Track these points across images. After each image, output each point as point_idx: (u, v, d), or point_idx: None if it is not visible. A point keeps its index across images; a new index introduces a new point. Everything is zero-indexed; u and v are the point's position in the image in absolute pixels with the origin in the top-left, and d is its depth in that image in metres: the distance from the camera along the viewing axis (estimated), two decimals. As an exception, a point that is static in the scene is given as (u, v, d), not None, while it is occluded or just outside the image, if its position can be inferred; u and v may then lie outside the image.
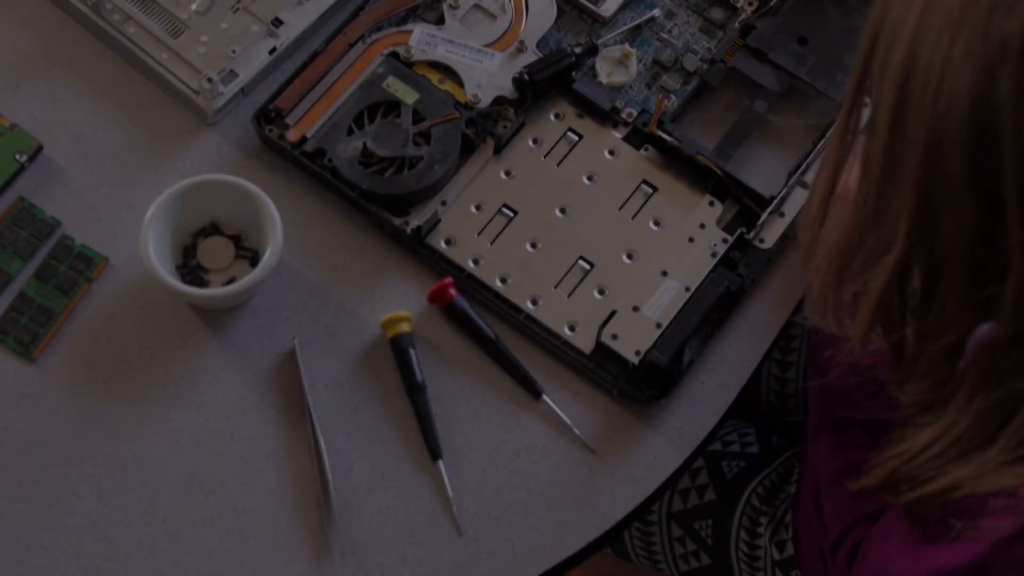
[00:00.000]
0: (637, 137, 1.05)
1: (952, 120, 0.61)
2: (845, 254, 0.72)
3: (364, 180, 1.00)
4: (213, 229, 1.00)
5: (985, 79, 0.60)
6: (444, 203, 1.01)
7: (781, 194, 1.02)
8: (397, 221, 1.00)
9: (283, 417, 0.96)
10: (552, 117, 1.06)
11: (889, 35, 0.65)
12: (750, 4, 1.11)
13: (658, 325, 0.98)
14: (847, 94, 0.72)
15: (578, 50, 1.06)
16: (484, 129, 1.04)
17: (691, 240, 1.02)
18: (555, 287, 1.00)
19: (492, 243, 1.01)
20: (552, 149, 1.04)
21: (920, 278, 0.68)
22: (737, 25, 1.10)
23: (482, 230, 1.01)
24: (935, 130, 0.62)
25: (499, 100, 1.05)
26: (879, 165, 0.67)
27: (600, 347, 0.98)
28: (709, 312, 0.99)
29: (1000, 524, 0.71)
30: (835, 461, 0.94)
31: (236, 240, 1.00)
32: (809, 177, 1.04)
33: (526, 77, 1.04)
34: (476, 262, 1.00)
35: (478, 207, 1.02)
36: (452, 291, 0.98)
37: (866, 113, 0.70)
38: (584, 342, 0.98)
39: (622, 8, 1.10)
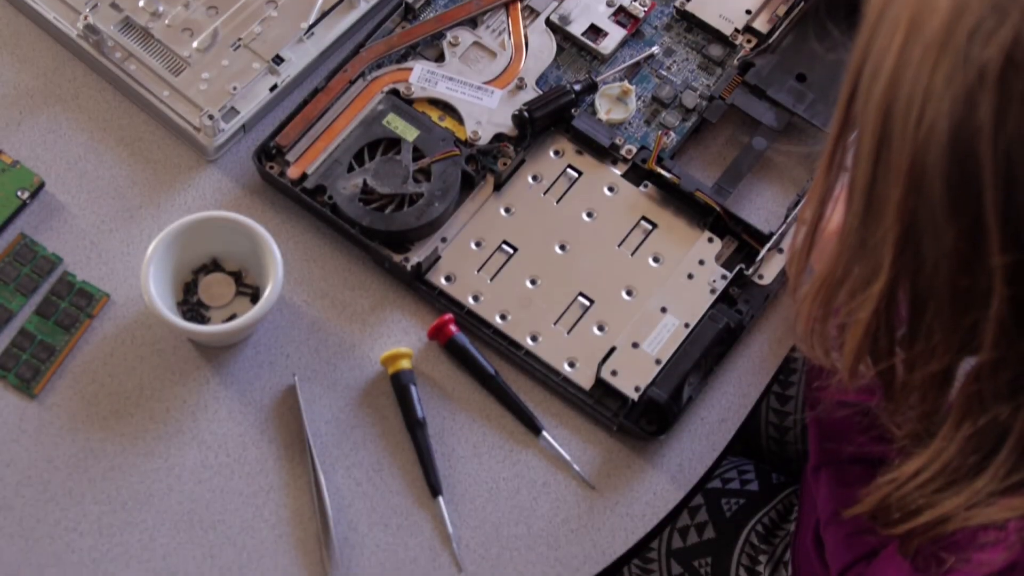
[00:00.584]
0: (636, 174, 1.08)
1: (933, 147, 0.63)
2: (831, 285, 0.74)
3: (364, 217, 1.02)
4: (214, 266, 1.03)
5: (965, 106, 0.62)
6: (444, 240, 1.04)
7: (780, 230, 1.05)
8: (397, 258, 1.02)
9: (283, 453, 0.98)
10: (552, 154, 1.08)
11: (873, 65, 0.67)
12: (748, 41, 1.13)
13: (657, 361, 1.00)
14: (833, 127, 0.74)
15: (577, 87, 1.09)
16: (484, 166, 1.06)
17: (690, 276, 1.04)
18: (555, 323, 1.02)
19: (492, 279, 1.03)
20: (552, 186, 1.07)
21: (906, 307, 0.70)
22: (735, 62, 1.12)
23: (482, 266, 1.03)
24: (917, 158, 0.64)
25: (499, 137, 1.07)
26: (863, 195, 0.69)
27: (600, 383, 1.00)
28: (708, 348, 1.01)
29: (991, 558, 0.72)
30: (834, 499, 0.96)
31: (237, 277, 1.02)
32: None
33: (526, 114, 1.06)
34: (476, 298, 1.02)
35: (478, 244, 1.04)
36: (452, 327, 1.00)
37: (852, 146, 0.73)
38: (584, 378, 1.00)
39: (621, 45, 1.13)
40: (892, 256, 0.68)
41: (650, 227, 1.06)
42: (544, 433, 1.00)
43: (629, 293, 1.04)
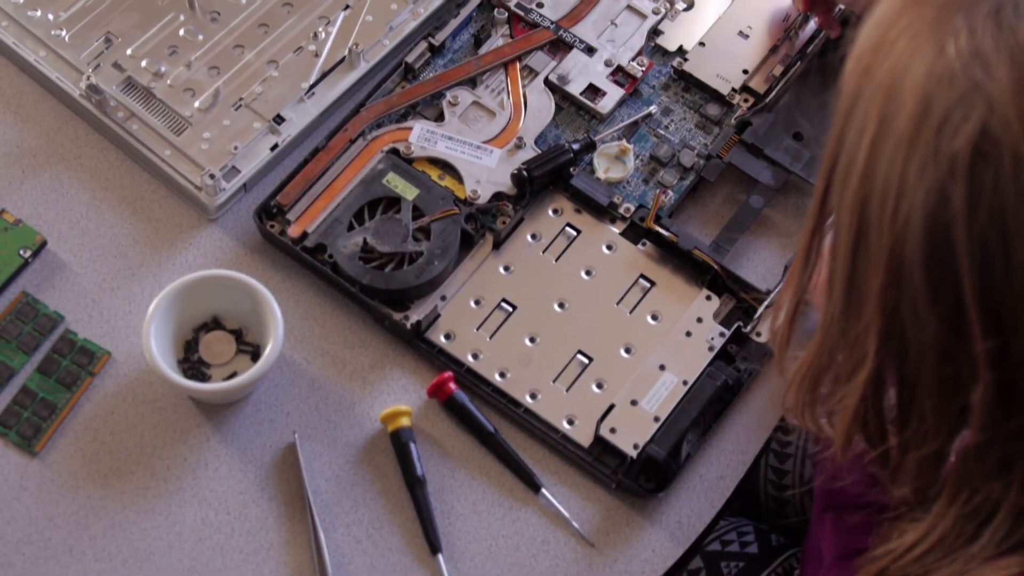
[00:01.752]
0: (635, 232, 1.12)
1: (910, 238, 0.67)
2: (816, 372, 0.77)
3: (364, 275, 1.07)
4: (215, 324, 1.07)
5: (938, 197, 0.65)
6: (444, 298, 1.08)
7: (777, 288, 1.09)
8: (397, 316, 1.06)
9: (283, 511, 1.01)
10: (550, 212, 1.13)
11: (846, 159, 0.71)
12: (745, 101, 1.18)
13: (656, 419, 1.04)
14: (809, 216, 0.77)
15: (576, 146, 1.13)
16: (483, 224, 1.11)
17: (688, 334, 1.08)
18: (554, 381, 1.06)
19: (491, 337, 1.07)
20: (551, 244, 1.11)
21: (895, 393, 0.73)
22: (733, 121, 1.17)
23: (481, 324, 1.08)
24: (895, 249, 0.68)
25: (498, 196, 1.12)
26: (843, 286, 0.72)
27: (598, 441, 1.04)
28: (707, 406, 1.05)
29: None
30: (838, 544, 0.99)
31: (237, 335, 1.07)
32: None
33: (525, 173, 1.11)
34: (475, 356, 1.06)
35: (477, 302, 1.09)
36: (452, 385, 1.05)
37: (828, 236, 0.76)
38: (583, 436, 1.04)
39: (619, 105, 1.18)
40: (876, 346, 0.71)
41: (648, 285, 1.10)
42: (543, 490, 1.03)
43: (628, 351, 1.08)
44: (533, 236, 1.12)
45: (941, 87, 0.65)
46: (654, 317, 1.09)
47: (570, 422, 1.05)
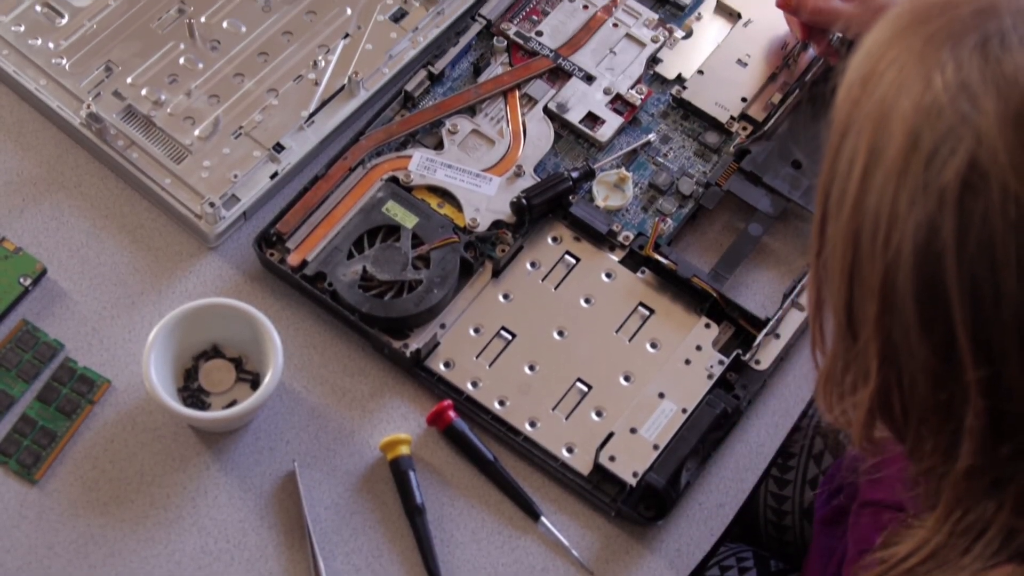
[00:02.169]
0: (634, 260, 1.14)
1: (901, 269, 0.68)
2: (832, 380, 0.79)
3: (364, 303, 1.08)
4: (214, 352, 1.08)
5: (927, 229, 0.66)
6: (443, 326, 1.10)
7: (776, 316, 1.11)
8: (397, 344, 1.08)
9: (283, 539, 1.03)
10: (550, 240, 1.14)
11: (838, 189, 0.72)
12: (744, 128, 1.20)
13: (655, 447, 1.06)
14: (811, 244, 0.78)
15: (575, 174, 1.15)
16: (482, 252, 1.13)
17: (688, 362, 1.10)
18: (553, 409, 1.08)
19: (491, 365, 1.09)
20: (550, 272, 1.13)
21: (897, 410, 0.74)
22: (732, 149, 1.19)
23: (481, 352, 1.09)
24: (887, 278, 0.69)
25: (497, 224, 1.14)
26: (842, 311, 0.74)
27: (598, 469, 1.05)
28: (706, 433, 1.06)
29: None
30: (856, 542, 1.00)
31: (237, 363, 1.08)
32: (804, 299, 1.12)
33: (524, 201, 1.13)
34: (475, 384, 1.08)
35: (477, 330, 1.10)
36: (451, 413, 1.06)
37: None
38: (582, 464, 1.06)
39: (618, 133, 1.20)
40: (876, 365, 0.72)
41: (647, 313, 1.12)
42: (543, 519, 1.05)
43: (627, 379, 1.09)
44: (532, 264, 1.13)
45: (929, 120, 0.66)
46: (653, 345, 1.11)
47: (569, 450, 1.06)
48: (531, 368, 1.09)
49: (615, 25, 1.24)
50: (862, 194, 0.69)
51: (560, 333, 1.11)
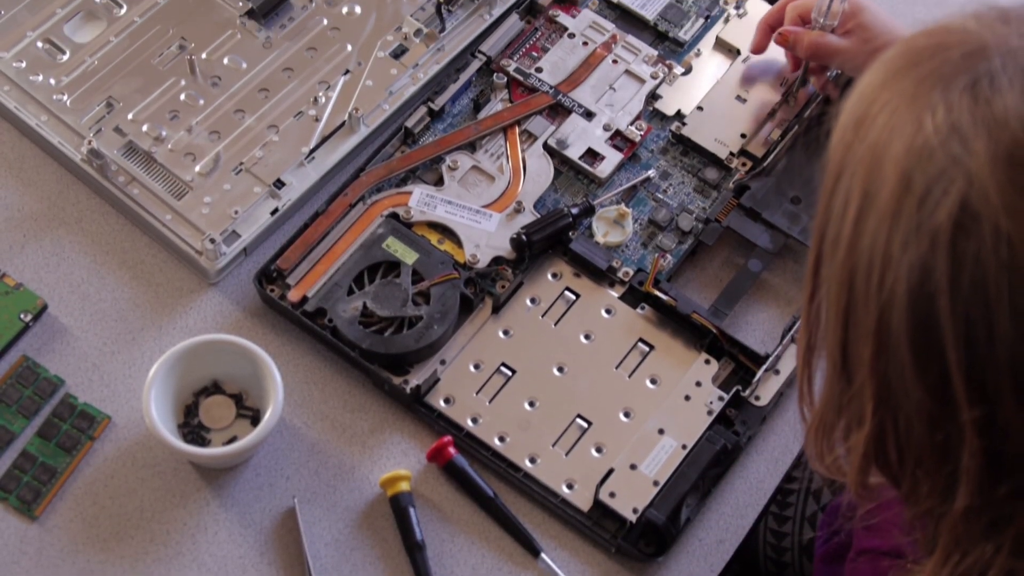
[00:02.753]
0: (634, 296, 1.16)
1: (895, 310, 0.69)
2: (827, 425, 0.80)
3: (364, 340, 1.10)
4: (215, 388, 1.10)
5: (920, 271, 0.68)
6: (443, 362, 1.12)
7: (776, 352, 1.12)
8: (397, 380, 1.10)
9: (283, 575, 1.04)
10: (550, 276, 1.16)
11: (833, 231, 0.74)
12: (743, 165, 1.22)
13: (655, 483, 1.07)
14: (806, 284, 0.79)
15: (575, 210, 1.17)
16: (483, 289, 1.15)
17: (687, 398, 1.12)
18: (553, 445, 1.09)
19: (491, 402, 1.11)
20: (550, 308, 1.15)
21: (893, 453, 0.75)
22: (731, 185, 1.21)
23: (481, 389, 1.11)
24: (882, 320, 0.70)
25: (497, 260, 1.16)
26: (837, 352, 0.75)
27: (598, 505, 1.07)
28: (706, 470, 1.08)
29: None
30: None
31: (237, 399, 1.10)
32: (804, 335, 1.14)
33: (524, 237, 1.15)
34: (475, 421, 1.10)
35: (477, 366, 1.12)
36: (451, 450, 1.08)
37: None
38: (582, 500, 1.07)
39: (618, 169, 1.22)
40: (871, 408, 0.74)
41: (647, 349, 1.14)
42: (543, 555, 1.06)
43: (627, 415, 1.11)
44: (532, 300, 1.15)
45: (920, 162, 0.67)
46: (653, 381, 1.13)
47: (569, 486, 1.08)
48: (531, 404, 1.11)
49: (615, 62, 1.27)
50: (856, 236, 0.71)
51: (560, 369, 1.13)
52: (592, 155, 1.22)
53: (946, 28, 0.71)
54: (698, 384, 1.12)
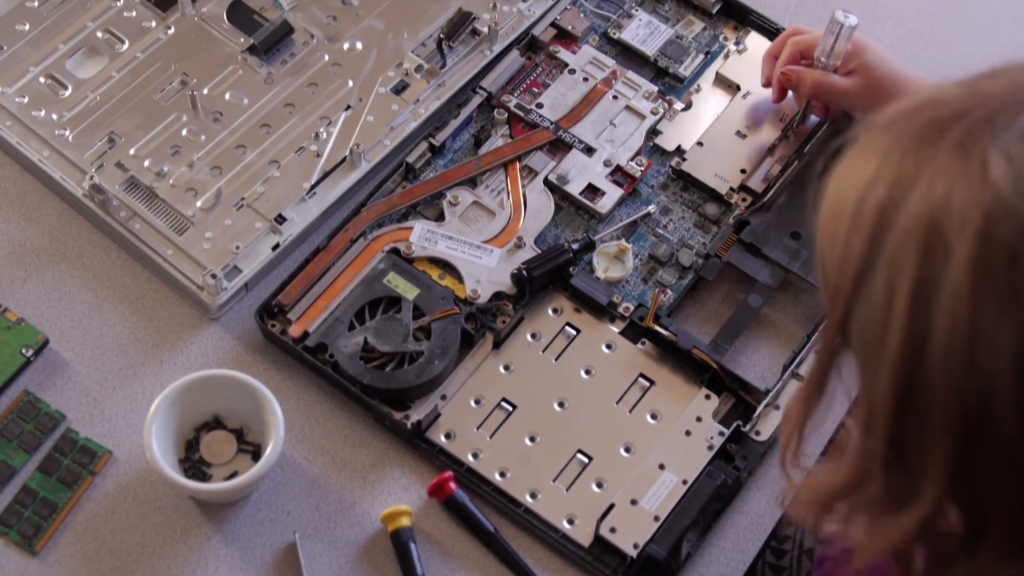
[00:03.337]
0: (634, 331, 1.18)
1: (997, 390, 0.63)
2: (836, 496, 0.76)
3: (365, 375, 1.12)
4: (216, 423, 1.12)
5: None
6: (444, 397, 1.13)
7: (776, 387, 1.14)
8: (398, 415, 1.12)
9: (284, 611, 1.06)
10: (550, 312, 1.18)
11: (874, 319, 0.68)
12: (743, 200, 1.24)
13: (656, 518, 1.09)
14: (821, 354, 0.75)
15: (575, 246, 1.19)
16: (483, 324, 1.17)
17: (688, 433, 1.13)
18: (554, 480, 1.11)
19: (491, 437, 1.12)
20: (550, 343, 1.17)
21: (961, 526, 0.71)
22: (731, 221, 1.23)
23: (481, 424, 1.13)
24: (972, 408, 0.64)
25: (498, 295, 1.18)
26: (886, 445, 0.70)
27: (599, 540, 1.09)
28: (706, 505, 1.09)
29: None
30: None
31: (238, 434, 1.12)
32: (804, 371, 1.15)
33: (524, 273, 1.17)
34: (476, 456, 1.11)
35: (477, 401, 1.14)
36: (452, 485, 1.09)
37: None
38: (583, 535, 1.09)
39: (618, 204, 1.24)
40: (937, 493, 0.69)
41: (648, 384, 1.16)
42: (543, 591, 1.08)
43: (627, 450, 1.13)
44: (533, 335, 1.17)
45: (1000, 219, 0.64)
46: (654, 416, 1.14)
47: (570, 521, 1.10)
48: (532, 439, 1.13)
49: (615, 97, 1.29)
50: (916, 322, 0.66)
51: (561, 404, 1.15)
52: (593, 190, 1.24)
53: (938, 99, 0.70)
54: (699, 419, 1.14)
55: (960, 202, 0.65)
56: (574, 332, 1.18)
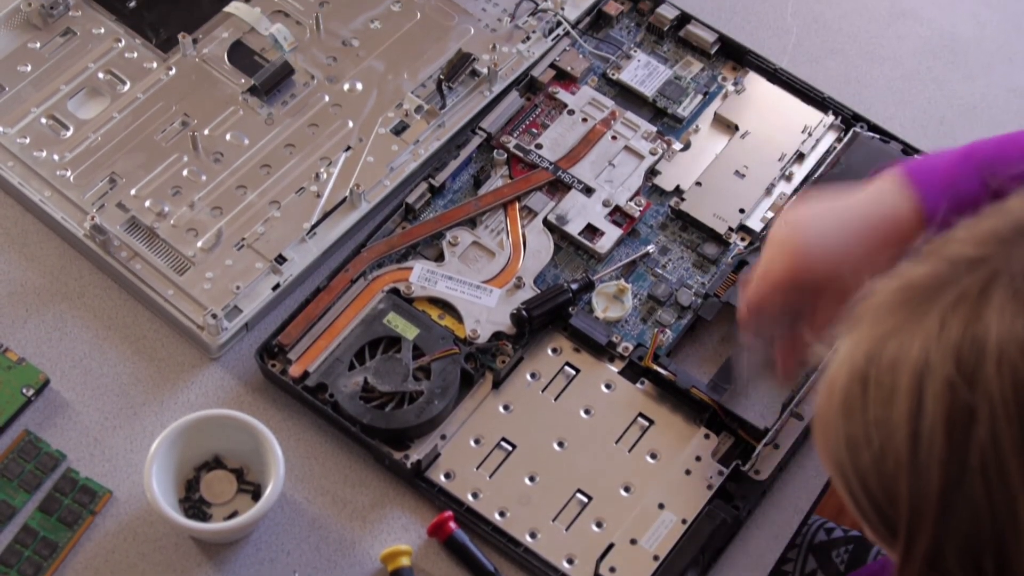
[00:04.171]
0: (633, 371, 1.20)
1: None
2: None
3: (365, 415, 1.14)
4: (216, 463, 1.14)
5: None
6: (444, 437, 1.15)
7: (775, 426, 1.16)
8: (397, 455, 1.14)
9: (283, 651, 1.08)
10: (550, 352, 1.21)
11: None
12: (742, 239, 1.27)
13: (655, 558, 1.11)
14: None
15: (575, 286, 1.22)
16: (483, 364, 1.19)
17: (687, 472, 1.15)
18: (553, 520, 1.13)
19: (491, 476, 1.14)
20: (550, 383, 1.19)
21: None
22: (730, 260, 1.26)
23: (481, 463, 1.15)
24: None
25: (498, 335, 1.20)
26: None
27: (598, 580, 1.11)
28: (706, 544, 1.11)
29: None
30: None
31: (238, 474, 1.14)
32: (803, 409, 1.17)
33: (524, 313, 1.19)
34: (475, 495, 1.13)
35: (477, 441, 1.16)
36: (452, 525, 1.11)
37: None
38: (582, 575, 1.11)
39: (617, 244, 1.26)
40: None
41: (647, 424, 1.18)
42: (543, 630, 1.10)
43: (627, 489, 1.15)
44: (532, 375, 1.19)
45: None
46: (653, 456, 1.16)
47: (570, 561, 1.11)
48: (531, 479, 1.15)
49: (614, 138, 1.32)
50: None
51: (560, 444, 1.17)
52: (592, 231, 1.27)
53: (911, 281, 0.70)
54: (698, 459, 1.16)
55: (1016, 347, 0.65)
56: (573, 372, 1.20)
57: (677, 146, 1.33)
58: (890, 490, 0.68)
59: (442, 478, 1.14)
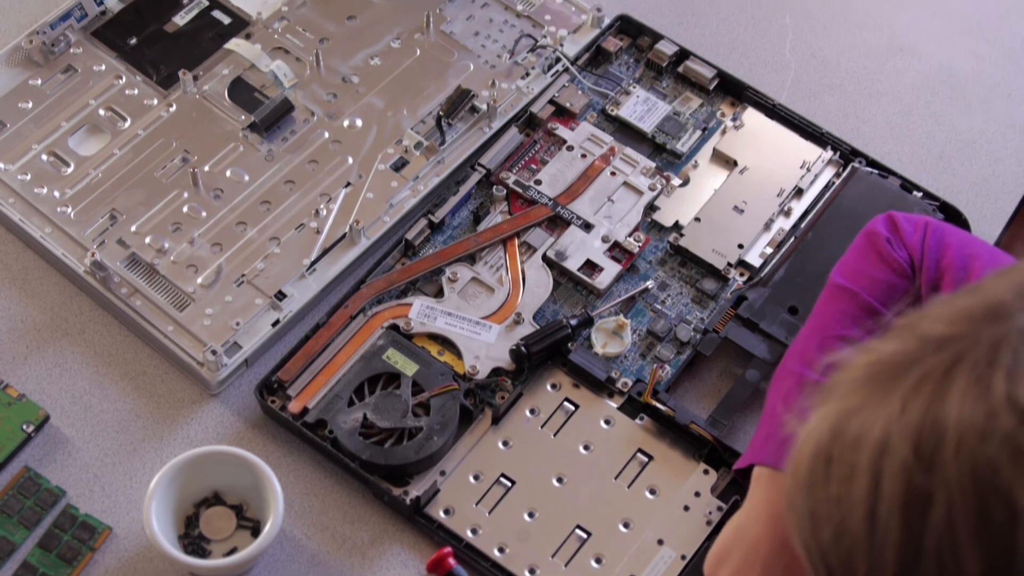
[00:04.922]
0: (632, 407, 1.22)
1: None
2: None
3: (364, 451, 1.16)
4: (215, 499, 1.15)
5: None
6: (443, 473, 1.17)
7: (774, 462, 1.18)
8: (397, 491, 1.15)
9: None
10: (549, 387, 1.22)
11: None
12: (741, 275, 1.29)
13: (655, 594, 1.12)
14: None
15: (574, 322, 1.23)
16: (482, 400, 1.20)
17: (686, 508, 1.17)
18: (552, 556, 1.14)
19: (490, 512, 1.16)
20: (549, 419, 1.21)
21: None
22: (729, 296, 1.28)
23: (480, 499, 1.16)
24: None
25: (497, 371, 1.22)
26: None
27: (597, 616, 1.12)
28: (705, 581, 1.13)
29: None
30: None
31: (238, 510, 1.15)
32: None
33: (523, 349, 1.21)
34: (475, 531, 1.15)
35: (476, 477, 1.17)
36: (451, 561, 1.13)
37: None
38: (581, 611, 1.12)
39: (616, 280, 1.28)
40: None
41: (646, 459, 1.19)
42: (542, 667, 1.11)
43: (626, 525, 1.16)
44: (532, 411, 1.21)
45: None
46: (652, 491, 1.18)
47: (569, 597, 1.13)
48: (531, 515, 1.16)
49: (613, 174, 1.34)
50: None
51: (559, 480, 1.18)
52: (591, 266, 1.28)
53: (880, 357, 0.70)
54: (697, 494, 1.17)
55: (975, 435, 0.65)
56: (572, 408, 1.22)
57: (676, 182, 1.35)
58: (849, 568, 0.69)
59: (441, 514, 1.16)
